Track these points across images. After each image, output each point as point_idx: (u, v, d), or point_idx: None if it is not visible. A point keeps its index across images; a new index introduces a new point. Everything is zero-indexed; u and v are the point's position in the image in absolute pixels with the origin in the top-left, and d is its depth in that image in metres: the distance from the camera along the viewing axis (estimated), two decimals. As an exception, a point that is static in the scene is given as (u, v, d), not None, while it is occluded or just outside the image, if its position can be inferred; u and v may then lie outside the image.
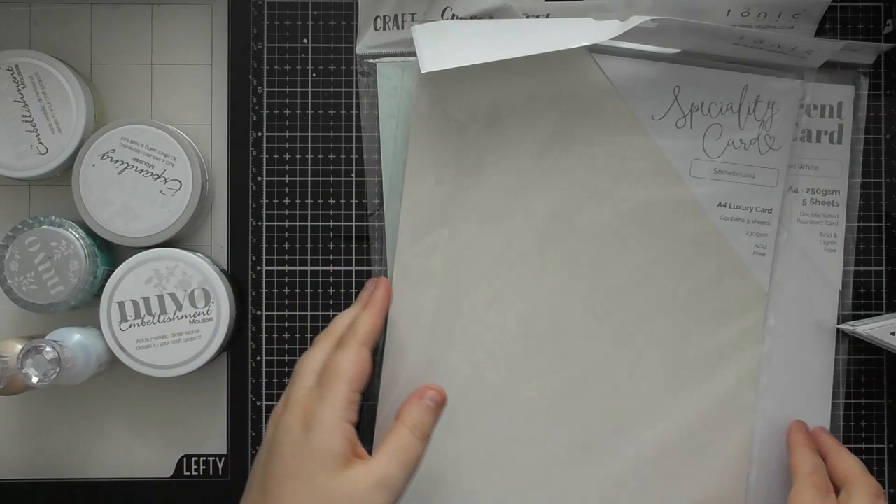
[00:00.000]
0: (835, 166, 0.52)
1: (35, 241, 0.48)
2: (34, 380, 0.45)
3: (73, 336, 0.47)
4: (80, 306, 0.49)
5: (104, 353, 0.49)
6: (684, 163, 0.51)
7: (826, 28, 0.52)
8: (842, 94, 0.52)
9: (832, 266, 0.52)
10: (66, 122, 0.49)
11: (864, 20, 0.53)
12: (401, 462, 0.42)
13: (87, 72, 0.53)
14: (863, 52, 0.52)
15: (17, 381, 0.46)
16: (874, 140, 0.53)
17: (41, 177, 0.50)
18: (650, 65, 0.50)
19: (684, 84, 0.51)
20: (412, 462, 0.43)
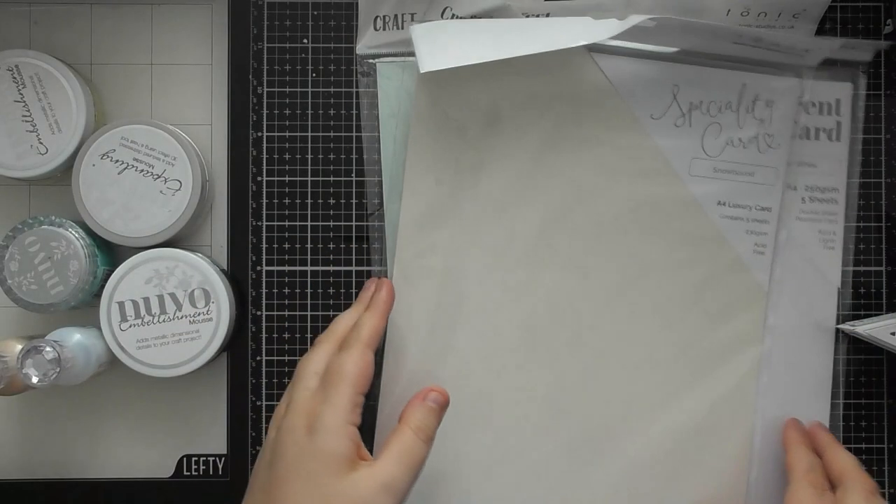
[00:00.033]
0: (833, 164, 0.52)
1: (35, 241, 0.48)
2: (34, 380, 0.45)
3: (73, 336, 0.47)
4: (80, 306, 0.49)
5: (104, 353, 0.49)
6: (683, 162, 0.51)
7: (826, 28, 0.52)
8: (840, 92, 0.52)
9: (831, 264, 0.52)
10: (66, 122, 0.49)
11: (864, 20, 0.53)
12: (405, 465, 0.42)
13: (87, 72, 0.53)
14: (861, 49, 0.52)
15: (17, 381, 0.46)
16: (874, 140, 0.53)
17: (41, 177, 0.50)
18: (649, 64, 0.50)
19: (683, 83, 0.51)
20: (417, 464, 0.43)
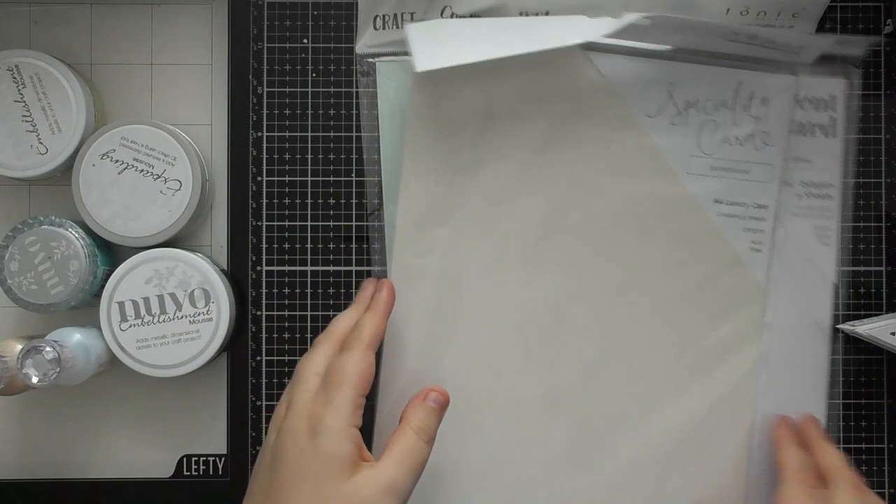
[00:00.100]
0: (828, 159, 0.52)
1: (35, 241, 0.48)
2: (34, 380, 0.45)
3: (73, 336, 0.47)
4: (80, 306, 0.49)
5: (104, 353, 0.49)
6: (680, 160, 0.51)
7: (826, 28, 0.52)
8: (834, 88, 0.52)
9: (827, 260, 0.52)
10: (66, 122, 0.49)
11: (863, 20, 0.53)
12: (408, 466, 0.42)
13: (87, 72, 0.53)
14: (855, 45, 0.51)
15: (17, 381, 0.46)
16: (874, 140, 0.53)
17: (41, 177, 0.50)
18: (644, 62, 0.50)
19: (679, 81, 0.51)
20: (419, 465, 0.43)
